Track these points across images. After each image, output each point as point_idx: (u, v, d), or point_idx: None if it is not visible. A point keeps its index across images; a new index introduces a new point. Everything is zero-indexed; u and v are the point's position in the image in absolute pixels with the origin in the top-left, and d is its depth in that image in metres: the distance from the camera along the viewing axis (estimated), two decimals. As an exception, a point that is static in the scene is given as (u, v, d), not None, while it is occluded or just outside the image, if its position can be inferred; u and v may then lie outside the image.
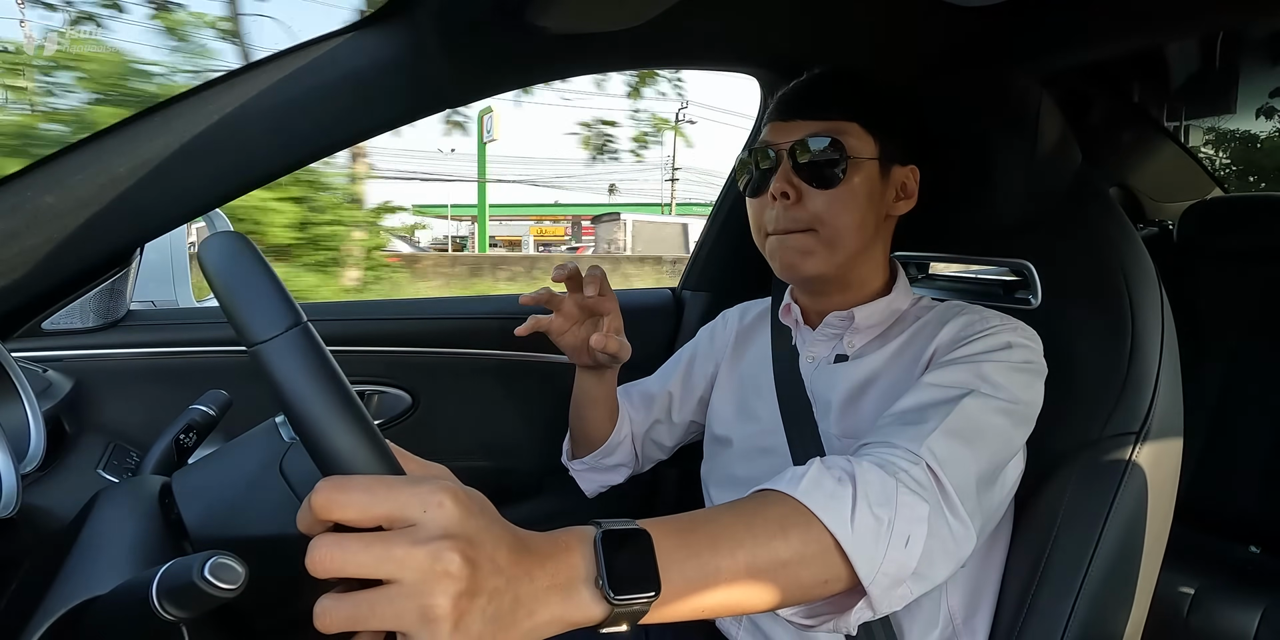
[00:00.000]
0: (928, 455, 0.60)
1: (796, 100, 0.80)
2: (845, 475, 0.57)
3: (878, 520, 0.54)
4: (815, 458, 0.59)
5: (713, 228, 1.31)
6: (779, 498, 0.54)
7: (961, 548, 0.60)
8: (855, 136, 0.77)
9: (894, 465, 0.59)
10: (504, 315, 1.23)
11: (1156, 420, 0.79)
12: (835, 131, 0.77)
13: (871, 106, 0.79)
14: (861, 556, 0.53)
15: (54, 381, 0.87)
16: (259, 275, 0.39)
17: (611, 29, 0.79)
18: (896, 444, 0.62)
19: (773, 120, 0.81)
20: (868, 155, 0.78)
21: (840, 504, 0.54)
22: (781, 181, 0.77)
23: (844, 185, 0.77)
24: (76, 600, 0.45)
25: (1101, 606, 0.77)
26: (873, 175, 0.78)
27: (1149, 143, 1.83)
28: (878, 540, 0.54)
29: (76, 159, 0.67)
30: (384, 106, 0.75)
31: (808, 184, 0.77)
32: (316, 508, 0.36)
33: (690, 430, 1.02)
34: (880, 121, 0.79)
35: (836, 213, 0.77)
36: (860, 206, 0.78)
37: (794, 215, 0.78)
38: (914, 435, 0.62)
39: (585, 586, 0.41)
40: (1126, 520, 0.78)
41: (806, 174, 0.77)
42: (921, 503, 0.57)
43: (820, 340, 0.86)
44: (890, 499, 0.56)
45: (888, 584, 0.54)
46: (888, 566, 0.54)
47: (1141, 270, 0.83)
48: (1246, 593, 1.23)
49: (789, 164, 0.78)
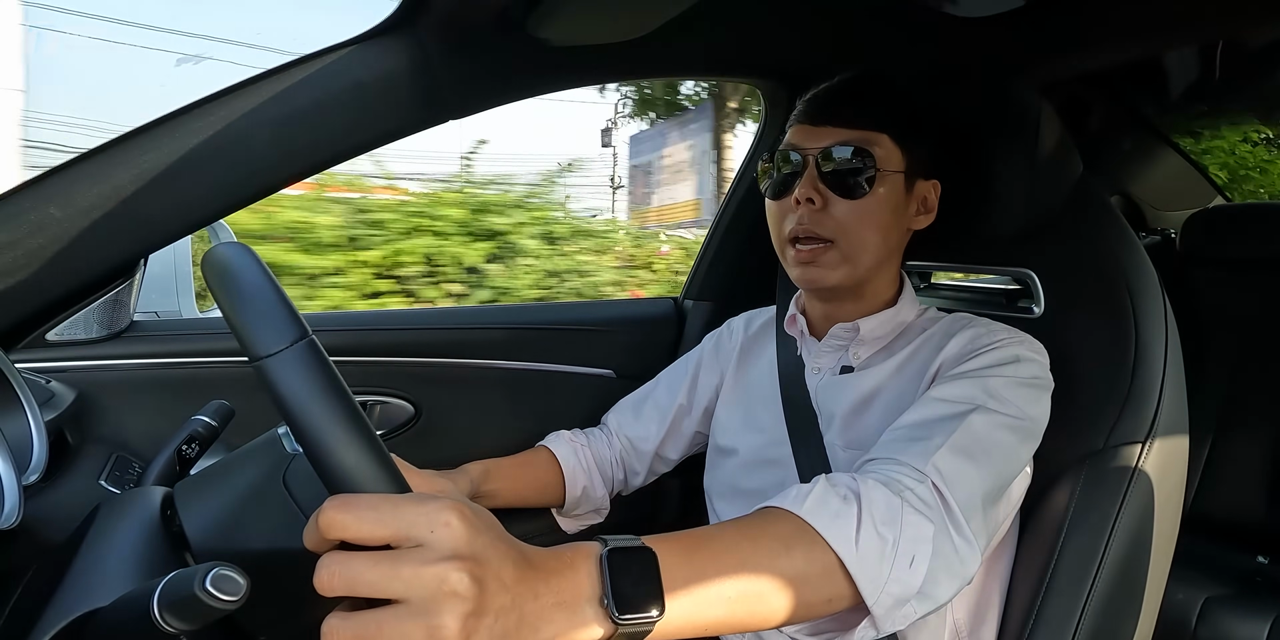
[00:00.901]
0: (933, 473, 0.60)
1: (828, 105, 0.79)
2: (850, 493, 0.56)
3: (882, 540, 0.54)
4: (821, 475, 0.59)
5: (715, 236, 1.31)
6: (783, 515, 0.54)
7: (967, 567, 0.59)
8: (884, 148, 0.77)
9: (899, 483, 0.58)
10: (507, 325, 1.23)
11: (1162, 429, 0.78)
12: (865, 141, 0.76)
13: (902, 118, 0.79)
14: (865, 576, 0.53)
15: (57, 392, 0.87)
16: (264, 287, 0.39)
17: (612, 41, 0.80)
18: (902, 461, 0.61)
19: (800, 123, 0.80)
20: (895, 168, 0.77)
21: (845, 523, 0.54)
22: (807, 187, 0.76)
23: (870, 196, 0.76)
24: (78, 612, 0.45)
25: (1109, 617, 0.77)
26: (898, 188, 0.78)
27: (1150, 151, 1.83)
28: (882, 560, 0.54)
29: (81, 170, 0.67)
30: (387, 118, 0.76)
31: (833, 192, 0.76)
32: (323, 527, 0.36)
33: (695, 441, 1.01)
34: (910, 134, 0.78)
35: (860, 224, 0.76)
36: (884, 219, 0.77)
37: (818, 220, 0.77)
38: (920, 452, 0.62)
39: (590, 605, 0.41)
40: (1133, 530, 0.77)
41: (832, 182, 0.76)
42: (927, 523, 0.56)
43: (826, 351, 0.85)
44: (895, 518, 0.55)
45: (892, 604, 0.54)
46: (892, 586, 0.54)
47: (1144, 279, 0.83)
48: (1254, 603, 1.22)
49: (815, 170, 0.77)
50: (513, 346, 1.21)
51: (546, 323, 1.25)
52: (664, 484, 1.08)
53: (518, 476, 0.91)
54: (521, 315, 1.30)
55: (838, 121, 0.77)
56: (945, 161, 0.84)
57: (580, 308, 1.50)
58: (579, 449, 0.97)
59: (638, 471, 1.00)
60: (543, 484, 0.94)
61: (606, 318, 1.29)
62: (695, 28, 0.85)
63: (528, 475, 0.93)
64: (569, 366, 1.23)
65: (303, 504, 0.49)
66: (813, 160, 0.77)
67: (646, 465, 1.00)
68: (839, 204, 0.76)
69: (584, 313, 1.31)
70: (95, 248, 0.68)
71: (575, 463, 0.96)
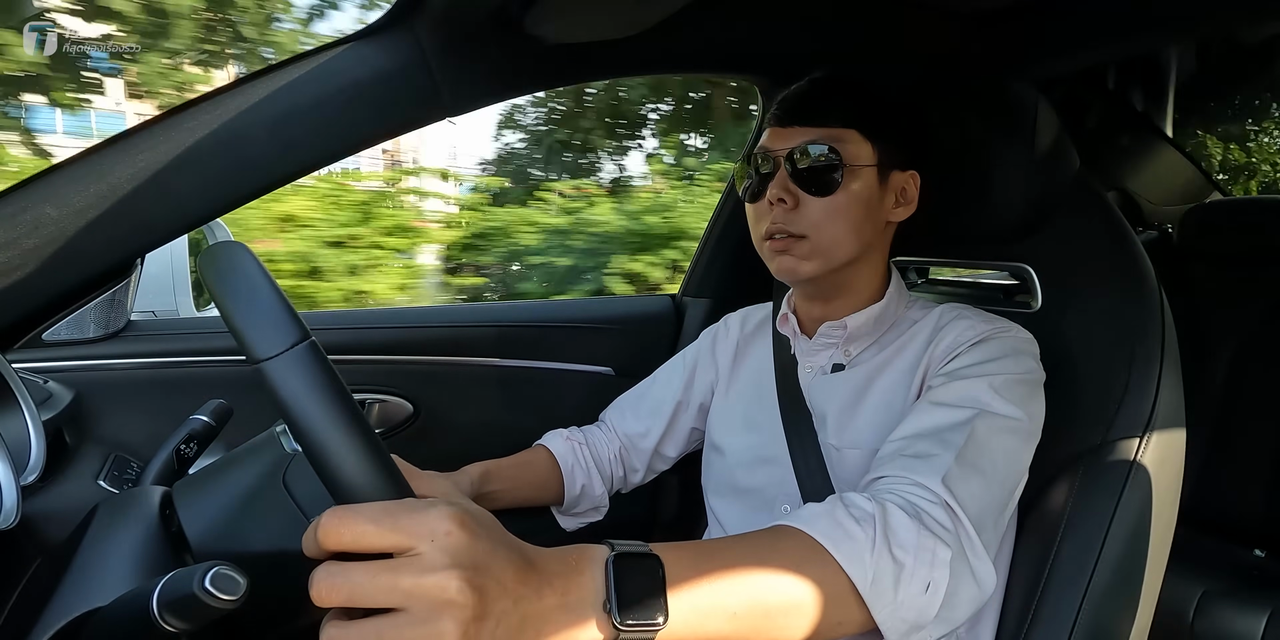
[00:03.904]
0: (946, 493, 0.59)
1: (795, 107, 0.80)
2: (866, 515, 0.56)
3: (898, 565, 0.54)
4: (835, 494, 0.59)
5: (712, 233, 1.31)
6: (796, 535, 0.54)
7: (984, 587, 0.59)
8: (853, 143, 0.77)
9: (915, 506, 0.58)
10: (505, 323, 1.23)
11: (1159, 423, 0.78)
12: (832, 138, 0.77)
13: (869, 113, 0.79)
14: (878, 602, 0.52)
15: (55, 392, 0.87)
16: (262, 288, 0.39)
17: (609, 38, 0.80)
18: (913, 480, 0.61)
19: (772, 126, 0.82)
20: (865, 162, 0.78)
21: (859, 546, 0.53)
22: (778, 187, 0.77)
23: (841, 192, 0.77)
24: (77, 612, 0.45)
25: (1106, 612, 0.77)
26: (870, 182, 0.78)
27: (1147, 146, 1.83)
28: (896, 585, 0.53)
29: (77, 170, 0.67)
30: (384, 116, 0.75)
31: (804, 191, 0.77)
32: (322, 537, 0.36)
33: (693, 438, 1.02)
34: (878, 127, 0.79)
35: (831, 220, 0.77)
36: (857, 213, 0.78)
37: (790, 219, 0.78)
38: (930, 470, 0.61)
39: (593, 609, 0.41)
40: (1131, 525, 0.77)
41: (803, 181, 0.77)
42: (944, 547, 0.56)
43: (817, 350, 0.86)
44: (912, 543, 0.55)
45: (906, 630, 0.54)
46: (905, 612, 0.53)
47: (1141, 274, 0.83)
48: (1251, 597, 1.23)
49: (786, 170, 0.78)
50: (511, 344, 1.21)
51: (544, 320, 1.25)
52: (663, 481, 1.08)
53: (517, 477, 0.91)
54: (519, 313, 1.30)
55: (805, 121, 0.79)
56: (924, 152, 0.84)
57: (578, 305, 1.50)
58: (577, 447, 0.97)
59: (637, 469, 1.00)
60: (542, 483, 0.94)
61: (604, 315, 1.29)
62: (691, 25, 0.85)
63: (527, 475, 0.93)
64: (567, 364, 1.23)
65: (302, 503, 0.49)
66: (784, 161, 0.78)
67: (646, 462, 1.00)
68: (810, 202, 0.77)
69: (582, 310, 1.31)
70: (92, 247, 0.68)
71: (574, 461, 0.96)
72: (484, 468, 0.87)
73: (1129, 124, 1.76)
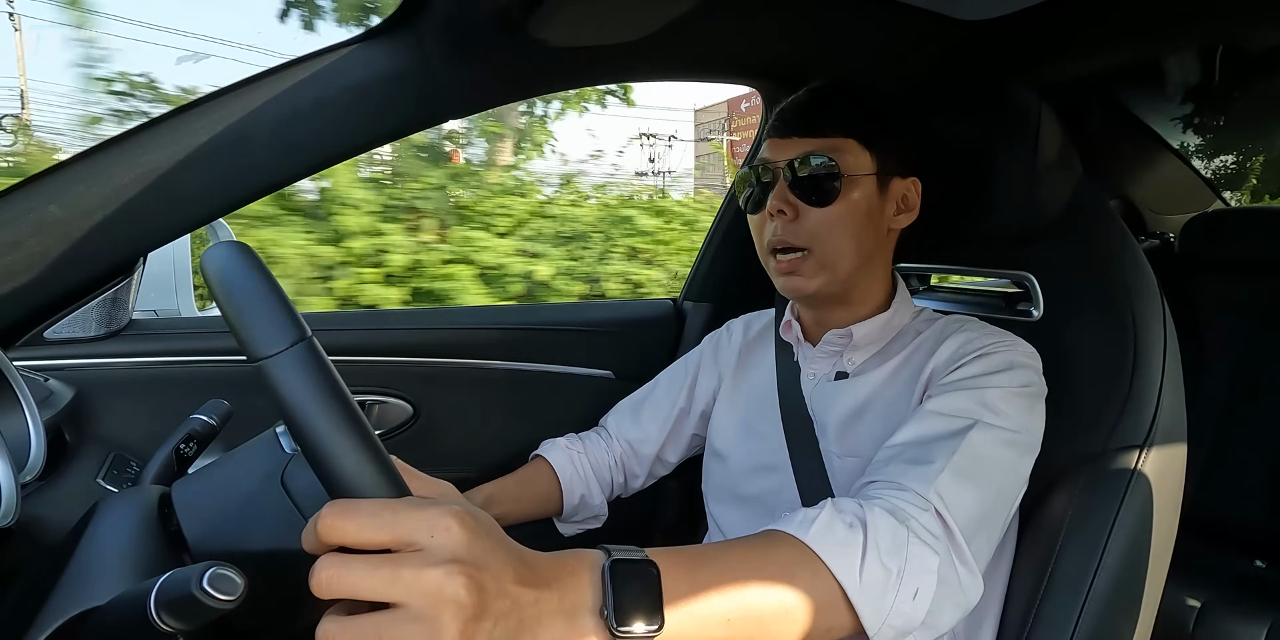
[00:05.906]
0: (937, 500, 0.60)
1: (793, 117, 0.80)
2: (857, 521, 0.56)
3: (887, 572, 0.54)
4: (827, 500, 0.59)
5: (714, 238, 1.31)
6: (789, 541, 0.54)
7: (969, 596, 0.59)
8: (851, 153, 0.77)
9: (904, 512, 0.58)
10: (505, 326, 1.23)
11: (1160, 433, 0.78)
12: (830, 149, 0.77)
13: (867, 121, 0.79)
14: (868, 608, 0.53)
15: (55, 390, 0.87)
16: (263, 287, 0.39)
17: (613, 42, 0.80)
18: (905, 486, 0.61)
19: (771, 137, 0.82)
20: (864, 171, 0.78)
21: (850, 552, 0.54)
22: (778, 199, 0.78)
23: (840, 202, 0.77)
24: (75, 611, 0.45)
25: (1106, 621, 0.77)
26: (870, 191, 0.78)
27: (1149, 154, 1.83)
28: (885, 592, 0.54)
29: (81, 169, 0.67)
30: (387, 118, 0.76)
31: (804, 201, 0.77)
32: (322, 532, 0.36)
33: (693, 444, 1.01)
34: (877, 136, 0.79)
35: (832, 231, 0.77)
36: (857, 223, 0.78)
37: (792, 231, 0.78)
38: (922, 476, 0.62)
39: (589, 614, 0.41)
40: (1131, 534, 0.77)
41: (803, 191, 0.77)
42: (932, 554, 0.56)
43: (820, 357, 0.86)
44: (901, 549, 0.55)
45: (893, 635, 0.54)
46: (894, 618, 0.54)
47: (1143, 282, 0.83)
48: (1252, 607, 1.22)
49: (785, 181, 0.78)
50: (511, 347, 1.21)
51: (545, 323, 1.25)
52: (663, 486, 1.08)
53: (519, 497, 0.91)
54: (520, 316, 1.30)
55: (803, 132, 0.79)
56: (925, 158, 0.84)
57: (579, 308, 1.50)
58: (575, 457, 0.96)
59: (637, 475, 1.00)
60: (543, 498, 0.93)
61: (605, 319, 1.29)
62: (694, 29, 0.85)
63: (528, 493, 0.92)
64: (568, 367, 1.23)
65: (300, 503, 0.48)
66: (783, 172, 0.78)
67: (646, 468, 1.00)
68: (810, 213, 0.77)
69: (583, 313, 1.31)
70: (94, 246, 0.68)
71: (572, 471, 0.95)
72: (486, 493, 0.87)
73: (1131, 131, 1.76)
